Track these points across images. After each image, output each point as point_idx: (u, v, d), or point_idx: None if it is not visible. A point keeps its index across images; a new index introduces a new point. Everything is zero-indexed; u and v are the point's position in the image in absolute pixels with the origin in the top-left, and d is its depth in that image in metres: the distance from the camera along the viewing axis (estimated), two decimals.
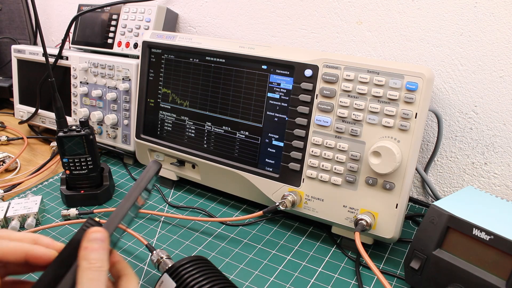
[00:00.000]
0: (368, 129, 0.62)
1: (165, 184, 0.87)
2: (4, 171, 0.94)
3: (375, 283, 0.61)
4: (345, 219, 0.65)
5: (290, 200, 0.66)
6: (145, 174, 0.44)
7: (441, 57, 0.75)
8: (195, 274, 0.50)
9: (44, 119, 1.08)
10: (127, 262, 0.64)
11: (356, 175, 0.63)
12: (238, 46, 0.72)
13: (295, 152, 0.67)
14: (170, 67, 0.80)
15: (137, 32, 0.96)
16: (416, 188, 0.85)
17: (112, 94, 0.91)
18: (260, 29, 0.94)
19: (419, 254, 0.55)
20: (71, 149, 0.76)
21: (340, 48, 0.86)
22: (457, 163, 0.79)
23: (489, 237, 0.49)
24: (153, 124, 0.83)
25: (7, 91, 1.26)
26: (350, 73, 0.62)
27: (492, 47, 0.71)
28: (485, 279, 0.49)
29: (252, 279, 0.61)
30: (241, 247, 0.69)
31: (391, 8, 0.78)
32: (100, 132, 0.96)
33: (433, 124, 0.79)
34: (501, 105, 0.72)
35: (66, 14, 1.29)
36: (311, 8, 0.86)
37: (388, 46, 0.80)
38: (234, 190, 0.77)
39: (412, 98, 0.58)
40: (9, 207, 0.73)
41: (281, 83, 0.68)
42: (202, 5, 1.00)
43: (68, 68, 0.99)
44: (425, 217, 0.55)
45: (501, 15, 0.69)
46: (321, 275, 0.62)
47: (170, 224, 0.74)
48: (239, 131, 0.73)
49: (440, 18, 0.74)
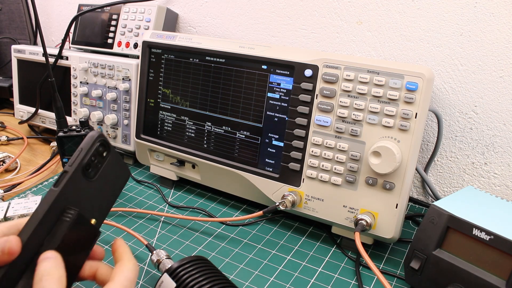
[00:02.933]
0: (368, 129, 0.62)
1: (165, 184, 0.87)
2: (4, 171, 0.94)
3: (375, 283, 0.61)
4: (345, 219, 0.65)
5: (290, 200, 0.66)
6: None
7: (441, 57, 0.75)
8: (195, 274, 0.50)
9: (44, 119, 1.08)
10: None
11: (356, 175, 0.63)
12: (238, 46, 0.72)
13: (295, 152, 0.67)
14: (170, 67, 0.80)
15: (137, 32, 0.96)
16: (416, 188, 0.85)
17: (112, 94, 0.91)
18: (260, 29, 0.94)
19: (419, 254, 0.55)
20: (71, 149, 0.76)
21: (340, 48, 0.86)
22: (457, 163, 0.79)
23: (489, 237, 0.49)
24: (153, 124, 0.83)
25: (7, 91, 1.26)
26: (350, 73, 0.62)
27: (492, 47, 0.71)
28: (485, 279, 0.49)
29: (252, 279, 0.61)
30: (241, 247, 0.69)
31: (391, 8, 0.78)
32: None
33: (433, 124, 0.79)
34: (501, 105, 0.72)
35: (66, 14, 1.29)
36: (311, 8, 0.86)
37: (388, 46, 0.80)
38: (234, 190, 0.77)
39: (412, 98, 0.58)
40: (9, 207, 0.73)
41: (281, 83, 0.68)
42: (202, 5, 1.00)
43: (68, 68, 0.99)
44: (425, 217, 0.55)
45: (501, 15, 0.69)
46: (321, 275, 0.62)
47: (170, 224, 0.74)
48: (239, 131, 0.73)
49: (440, 18, 0.74)
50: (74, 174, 0.39)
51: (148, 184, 0.87)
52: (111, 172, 0.43)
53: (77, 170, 0.40)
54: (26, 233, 0.37)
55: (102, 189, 0.43)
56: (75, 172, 0.40)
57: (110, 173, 0.43)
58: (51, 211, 0.38)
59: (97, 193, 0.42)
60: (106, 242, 0.69)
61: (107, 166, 0.43)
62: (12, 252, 0.35)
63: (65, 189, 0.39)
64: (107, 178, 0.43)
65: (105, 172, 0.42)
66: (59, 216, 0.39)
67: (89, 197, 0.41)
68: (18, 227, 0.39)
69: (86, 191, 0.41)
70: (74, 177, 0.39)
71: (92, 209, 0.42)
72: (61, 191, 0.38)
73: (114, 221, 0.73)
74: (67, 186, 0.39)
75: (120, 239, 0.44)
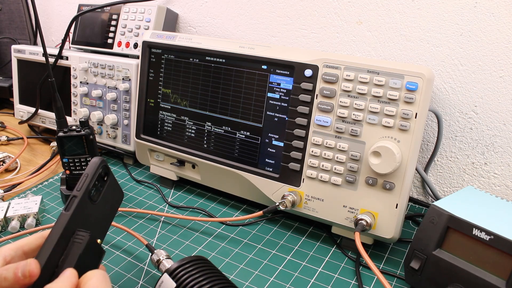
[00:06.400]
0: (368, 129, 0.62)
1: (165, 184, 0.87)
2: (4, 171, 0.94)
3: (375, 283, 0.61)
4: (345, 219, 0.65)
5: (290, 200, 0.66)
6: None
7: (441, 57, 0.75)
8: (195, 274, 0.50)
9: (44, 119, 1.08)
10: (128, 261, 0.64)
11: (356, 175, 0.63)
12: (238, 46, 0.72)
13: (295, 152, 0.67)
14: (170, 67, 0.80)
15: (137, 32, 0.96)
16: (416, 188, 0.85)
17: (112, 94, 0.91)
18: (260, 29, 0.94)
19: (419, 254, 0.55)
20: (71, 149, 0.76)
21: (340, 48, 0.86)
22: (457, 163, 0.79)
23: (489, 237, 0.49)
24: (153, 124, 0.83)
25: (7, 91, 1.26)
26: (350, 73, 0.62)
27: (492, 47, 0.71)
28: (485, 279, 0.49)
29: (252, 279, 0.61)
30: (241, 247, 0.69)
31: (391, 8, 0.78)
32: (100, 132, 0.96)
33: (433, 124, 0.79)
34: (501, 105, 0.72)
35: (66, 14, 1.29)
36: (311, 8, 0.86)
37: (388, 46, 0.80)
38: (234, 190, 0.77)
39: (412, 98, 0.58)
40: (9, 207, 0.73)
41: (281, 83, 0.68)
42: (202, 5, 1.00)
43: (68, 68, 0.99)
44: (425, 217, 0.55)
45: (501, 15, 0.69)
46: (321, 275, 0.62)
47: (170, 224, 0.74)
48: (239, 131, 0.73)
49: (440, 18, 0.74)
50: (82, 198, 0.43)
51: (148, 184, 0.87)
52: (110, 194, 0.47)
53: (84, 194, 0.43)
54: (43, 256, 0.39)
55: (103, 210, 0.46)
56: (83, 197, 0.43)
57: (109, 195, 0.47)
58: (64, 234, 0.41)
59: (100, 214, 0.46)
60: (106, 242, 0.69)
61: (107, 189, 0.46)
62: (32, 275, 0.38)
63: (75, 212, 0.42)
64: (107, 200, 0.47)
65: (106, 194, 0.46)
66: (71, 238, 0.42)
67: (94, 219, 0.45)
68: (23, 248, 0.42)
69: (91, 213, 0.44)
70: (82, 201, 0.43)
71: (97, 230, 0.45)
72: (72, 214, 0.42)
73: (114, 221, 0.73)
74: (77, 210, 0.42)
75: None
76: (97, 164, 0.45)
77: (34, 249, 0.43)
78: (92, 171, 0.44)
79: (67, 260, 0.40)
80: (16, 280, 0.37)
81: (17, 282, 0.37)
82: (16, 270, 0.37)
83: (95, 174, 0.44)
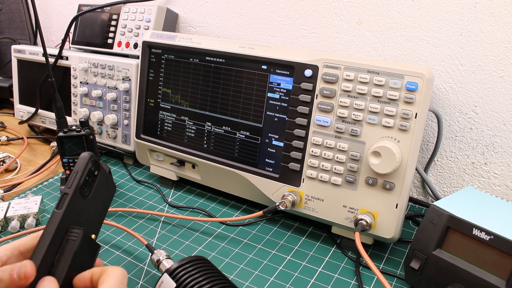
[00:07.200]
0: (368, 129, 0.62)
1: (165, 184, 0.87)
2: (4, 171, 0.94)
3: (375, 283, 0.61)
4: (345, 219, 0.65)
5: (290, 200, 0.66)
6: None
7: (441, 57, 0.75)
8: (195, 274, 0.50)
9: (44, 119, 1.08)
10: (128, 261, 0.64)
11: (356, 175, 0.63)
12: (238, 46, 0.72)
13: (295, 152, 0.67)
14: (170, 67, 0.80)
15: (137, 32, 0.96)
16: (416, 188, 0.85)
17: (112, 94, 0.91)
18: (260, 29, 0.94)
19: (419, 254, 0.55)
20: (71, 149, 0.76)
21: (340, 48, 0.86)
22: (457, 163, 0.79)
23: (489, 237, 0.49)
24: (153, 124, 0.83)
25: (7, 91, 1.26)
26: (350, 73, 0.62)
27: (492, 47, 0.71)
28: (485, 279, 0.49)
29: (252, 279, 0.61)
30: (241, 247, 0.69)
31: (391, 8, 0.78)
32: (100, 132, 0.96)
33: (433, 124, 0.79)
34: (501, 105, 0.72)
35: (66, 14, 1.29)
36: (311, 8, 0.86)
37: (388, 46, 0.80)
38: (234, 190, 0.77)
39: (412, 98, 0.58)
40: (9, 207, 0.73)
41: (281, 83, 0.68)
42: (202, 5, 1.00)
43: (68, 68, 0.99)
44: (425, 217, 0.55)
45: (501, 15, 0.69)
46: (321, 275, 0.62)
47: (170, 224, 0.74)
48: (239, 131, 0.73)
49: (440, 18, 0.74)
50: (73, 195, 0.42)
51: (148, 184, 0.87)
52: (102, 188, 0.47)
53: (75, 191, 0.43)
54: (38, 256, 0.39)
55: (96, 205, 0.46)
56: (74, 193, 0.43)
57: (101, 189, 0.47)
58: (57, 233, 0.41)
59: (93, 209, 0.45)
60: (106, 242, 0.69)
61: (98, 183, 0.46)
62: (28, 276, 0.37)
63: (67, 210, 0.42)
64: (99, 195, 0.46)
65: (97, 189, 0.46)
66: (64, 236, 0.42)
67: (87, 215, 0.44)
68: (20, 248, 0.42)
69: (84, 209, 0.44)
70: (73, 198, 0.42)
71: (90, 226, 0.45)
72: (64, 212, 0.41)
73: (114, 221, 0.73)
74: (69, 207, 0.42)
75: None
76: (86, 160, 0.44)
77: (30, 249, 0.43)
78: (81, 167, 0.44)
79: (62, 258, 0.40)
80: (12, 281, 0.37)
81: (12, 284, 0.37)
82: (12, 272, 0.37)
83: (85, 170, 0.44)
